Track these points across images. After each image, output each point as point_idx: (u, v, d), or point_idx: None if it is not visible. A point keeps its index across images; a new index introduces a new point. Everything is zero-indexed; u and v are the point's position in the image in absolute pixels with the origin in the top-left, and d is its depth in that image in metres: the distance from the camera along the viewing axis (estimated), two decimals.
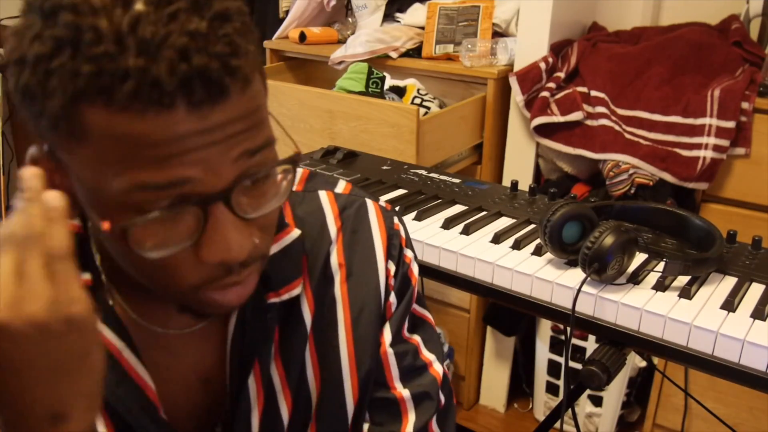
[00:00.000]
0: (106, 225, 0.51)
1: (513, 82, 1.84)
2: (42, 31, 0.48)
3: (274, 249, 0.68)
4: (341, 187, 0.78)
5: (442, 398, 0.81)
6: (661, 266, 0.95)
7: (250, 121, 0.51)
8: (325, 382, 0.74)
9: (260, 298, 0.67)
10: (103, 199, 0.51)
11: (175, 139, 0.47)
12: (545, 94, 1.80)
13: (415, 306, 0.81)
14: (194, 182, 0.50)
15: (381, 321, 0.76)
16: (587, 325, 0.93)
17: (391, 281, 0.76)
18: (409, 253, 0.79)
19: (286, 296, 0.69)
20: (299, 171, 0.78)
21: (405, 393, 0.77)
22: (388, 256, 0.75)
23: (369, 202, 0.78)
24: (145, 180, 0.48)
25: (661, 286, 0.93)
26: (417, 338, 0.80)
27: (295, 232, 0.71)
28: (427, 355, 0.80)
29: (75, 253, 0.52)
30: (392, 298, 0.76)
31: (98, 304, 0.56)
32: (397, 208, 1.16)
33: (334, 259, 0.74)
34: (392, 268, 0.76)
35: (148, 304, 0.65)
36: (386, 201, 1.18)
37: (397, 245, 0.76)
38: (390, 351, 0.77)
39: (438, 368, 0.80)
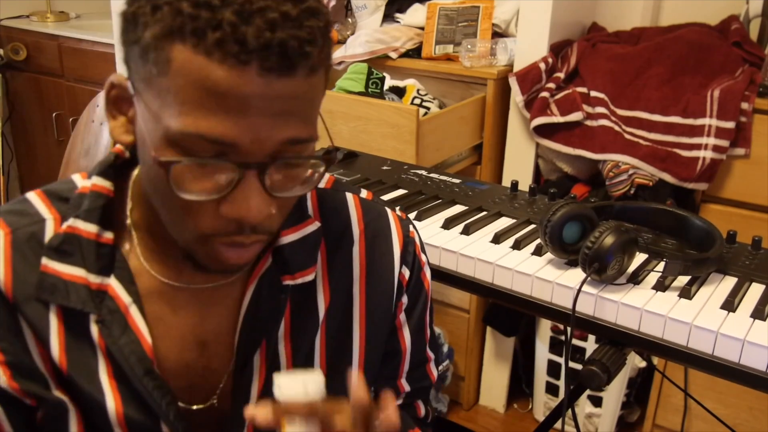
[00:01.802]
0: (155, 154, 0.58)
1: (513, 82, 1.84)
2: None
3: (294, 237, 0.73)
4: (364, 193, 0.84)
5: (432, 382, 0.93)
6: (661, 266, 0.95)
7: (305, 108, 0.58)
8: (333, 372, 0.78)
9: (276, 279, 0.73)
10: (159, 133, 0.57)
11: (241, 96, 0.54)
12: (545, 94, 1.80)
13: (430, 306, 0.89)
14: (239, 148, 0.56)
15: (390, 320, 0.82)
16: (587, 325, 0.93)
17: (405, 285, 0.82)
18: (423, 258, 0.85)
19: (300, 280, 0.74)
20: (326, 174, 0.84)
21: (406, 388, 0.88)
22: (403, 261, 0.81)
23: (388, 211, 0.83)
24: (202, 129, 0.55)
25: (661, 286, 0.93)
26: (428, 334, 0.89)
27: (315, 224, 0.76)
28: (429, 352, 0.90)
29: (102, 212, 0.68)
30: (404, 299, 0.83)
31: (116, 261, 0.69)
32: (397, 209, 1.16)
33: (356, 258, 0.79)
34: (406, 272, 0.82)
35: (163, 255, 0.71)
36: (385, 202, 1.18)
37: (411, 252, 0.82)
38: (409, 349, 0.85)
39: (434, 369, 0.92)
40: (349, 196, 0.81)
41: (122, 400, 0.70)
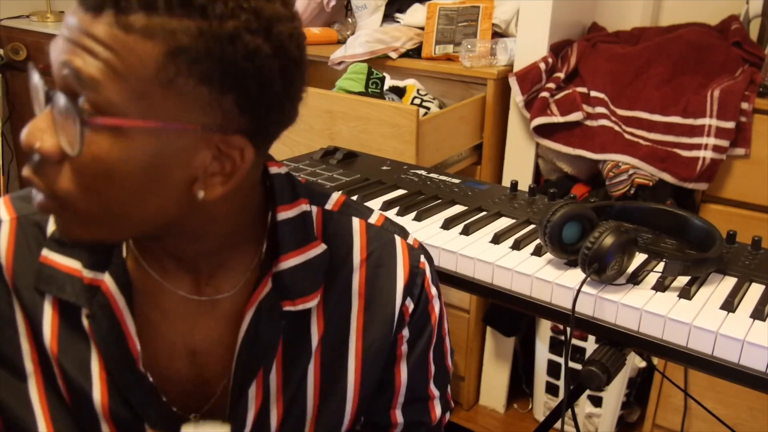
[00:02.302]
0: None
1: (513, 82, 1.84)
2: None
3: (297, 260, 0.70)
4: (374, 218, 0.79)
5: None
6: (660, 266, 0.95)
7: (103, 51, 0.54)
8: (326, 403, 0.76)
9: (276, 305, 0.70)
10: None
11: (65, 21, 0.57)
12: (545, 94, 1.80)
13: (437, 341, 0.83)
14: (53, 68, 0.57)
15: (389, 353, 0.79)
16: (587, 326, 0.93)
17: (407, 317, 0.78)
18: (433, 291, 0.80)
19: (300, 307, 0.71)
20: (337, 194, 0.81)
21: (400, 420, 0.83)
22: (407, 293, 0.77)
23: (397, 239, 0.79)
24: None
25: (660, 287, 0.93)
26: (432, 370, 0.84)
27: (321, 247, 0.72)
28: (433, 389, 0.85)
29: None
30: (405, 331, 0.79)
31: (113, 257, 0.68)
32: (396, 209, 1.16)
33: (355, 288, 0.75)
34: (410, 304, 0.78)
35: (156, 258, 0.71)
36: (385, 202, 1.18)
37: (419, 284, 0.78)
38: (404, 383, 0.81)
39: (437, 408, 0.85)
40: (356, 221, 0.77)
41: (108, 392, 0.70)
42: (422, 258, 0.79)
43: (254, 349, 0.70)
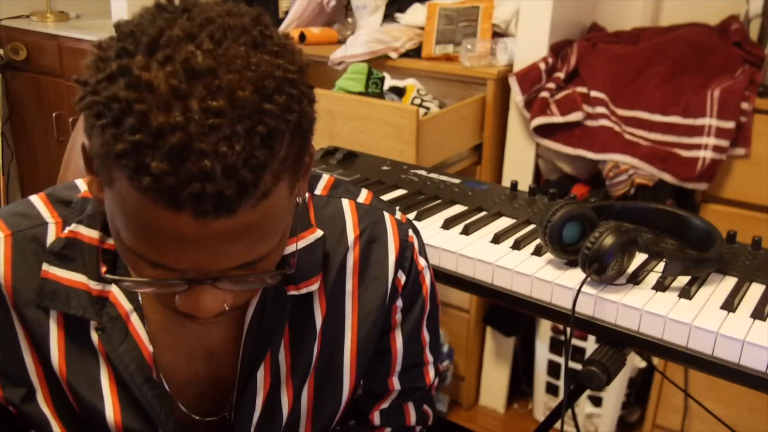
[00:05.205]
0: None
1: (513, 82, 1.84)
2: (108, 80, 0.50)
3: (299, 246, 0.72)
4: (363, 196, 0.82)
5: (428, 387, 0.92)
6: (661, 266, 0.95)
7: (253, 234, 0.54)
8: (322, 374, 0.78)
9: (281, 290, 0.72)
10: (114, 227, 0.56)
11: (176, 236, 0.52)
12: (545, 94, 1.80)
13: (430, 309, 0.87)
14: (187, 272, 0.56)
15: (383, 325, 0.81)
16: (587, 326, 0.93)
17: (400, 289, 0.81)
18: (422, 262, 0.84)
19: (304, 290, 0.73)
20: (326, 176, 0.83)
21: (397, 386, 0.87)
22: (399, 266, 0.80)
23: (386, 215, 0.81)
24: (146, 255, 0.54)
25: (661, 287, 0.93)
26: (426, 337, 0.87)
27: (318, 233, 0.75)
28: (428, 355, 0.89)
29: (102, 221, 0.67)
30: (399, 302, 0.81)
31: (118, 268, 0.68)
32: (398, 211, 1.16)
33: (350, 265, 0.78)
34: (402, 277, 0.80)
35: None
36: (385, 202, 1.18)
37: (408, 257, 0.81)
38: (400, 351, 0.84)
39: (431, 372, 0.90)
40: (345, 202, 0.80)
41: (122, 408, 0.70)
42: (410, 232, 0.83)
43: (260, 333, 0.72)
